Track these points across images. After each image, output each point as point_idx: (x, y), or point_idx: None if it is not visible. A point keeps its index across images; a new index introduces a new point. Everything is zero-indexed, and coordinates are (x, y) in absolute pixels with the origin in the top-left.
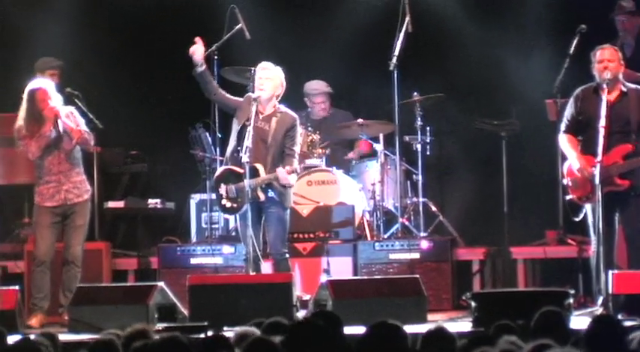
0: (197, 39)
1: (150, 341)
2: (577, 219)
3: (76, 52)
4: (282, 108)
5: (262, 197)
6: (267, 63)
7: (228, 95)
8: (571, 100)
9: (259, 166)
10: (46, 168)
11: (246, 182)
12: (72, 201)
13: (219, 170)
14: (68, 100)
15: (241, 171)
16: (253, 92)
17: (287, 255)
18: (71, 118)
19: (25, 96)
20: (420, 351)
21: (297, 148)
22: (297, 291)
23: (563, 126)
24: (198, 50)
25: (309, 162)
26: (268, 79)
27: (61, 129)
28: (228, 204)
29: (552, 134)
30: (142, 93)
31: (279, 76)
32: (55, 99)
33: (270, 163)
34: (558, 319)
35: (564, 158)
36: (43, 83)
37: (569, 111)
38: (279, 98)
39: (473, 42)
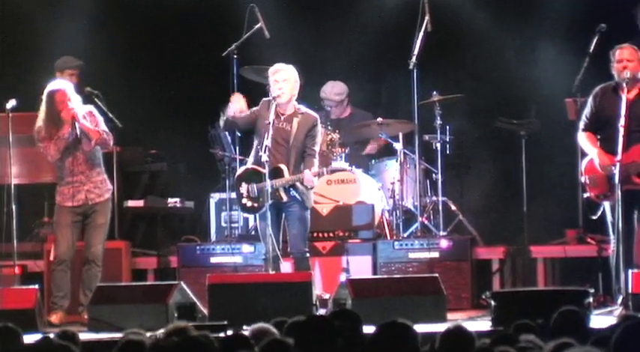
0: (238, 95)
1: (177, 340)
2: (594, 217)
3: (96, 52)
4: (303, 108)
5: (285, 197)
6: (280, 64)
7: (245, 115)
8: (590, 99)
9: (283, 167)
10: (67, 169)
11: (267, 181)
12: (93, 200)
13: (241, 169)
14: (88, 100)
15: (264, 170)
16: (269, 94)
17: (308, 254)
18: (90, 119)
19: (44, 97)
20: (438, 350)
21: (317, 148)
22: (317, 290)
23: (582, 125)
24: (237, 104)
25: (335, 164)
26: (285, 80)
27: (78, 131)
28: (249, 204)
29: (572, 133)
30: (161, 93)
31: (294, 75)
32: (74, 101)
33: (292, 164)
34: (578, 318)
35: (583, 156)
36: (62, 84)
37: (588, 110)
38: (296, 96)
39: (492, 41)
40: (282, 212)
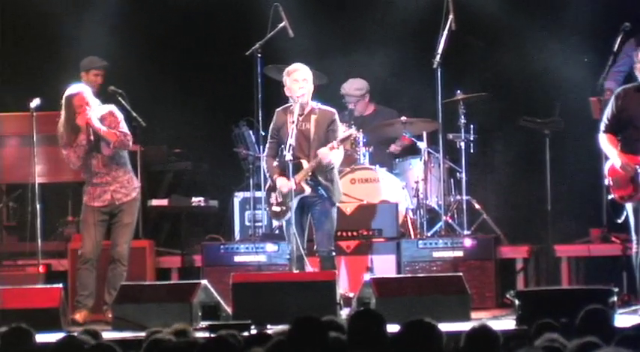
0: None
1: (199, 340)
2: (619, 221)
3: (120, 51)
4: (319, 105)
5: (308, 190)
6: (297, 64)
7: (273, 140)
8: (612, 99)
9: (303, 161)
10: (92, 172)
11: (291, 180)
12: (120, 200)
13: (269, 182)
14: (112, 99)
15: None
16: (289, 94)
17: (334, 253)
18: (109, 119)
19: (62, 102)
20: (463, 349)
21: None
22: (341, 289)
23: (602, 126)
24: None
25: (359, 163)
26: (304, 80)
27: (93, 137)
28: (277, 209)
29: (596, 132)
30: (185, 91)
31: (311, 74)
32: (92, 104)
33: (313, 156)
34: (603, 317)
35: (606, 157)
36: (80, 88)
37: (609, 111)
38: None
39: (516, 39)
40: (307, 210)
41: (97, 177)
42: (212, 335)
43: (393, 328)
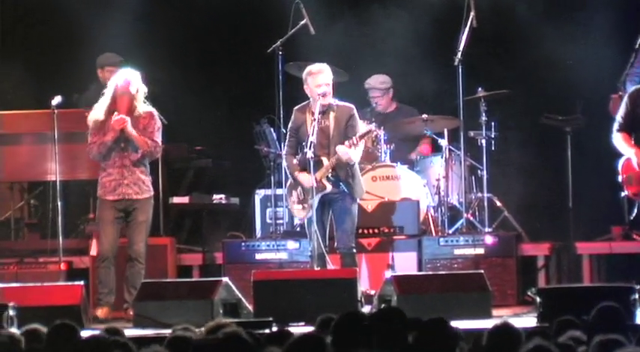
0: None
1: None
2: (631, 217)
3: (141, 48)
4: (336, 101)
5: (329, 187)
6: (319, 66)
7: (292, 139)
8: (625, 99)
9: (323, 158)
10: (111, 160)
11: (311, 176)
12: (131, 196)
13: (290, 180)
14: None
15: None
16: (311, 93)
17: (354, 250)
18: (148, 122)
19: (109, 83)
20: (485, 347)
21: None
22: (362, 286)
23: (616, 126)
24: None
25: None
26: (327, 84)
27: (122, 145)
28: (299, 207)
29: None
30: (207, 89)
31: (331, 75)
32: (139, 96)
33: (333, 153)
34: (617, 315)
35: (622, 155)
36: (129, 77)
37: (623, 110)
38: None
39: (538, 36)
40: (329, 207)
41: (114, 167)
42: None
43: None
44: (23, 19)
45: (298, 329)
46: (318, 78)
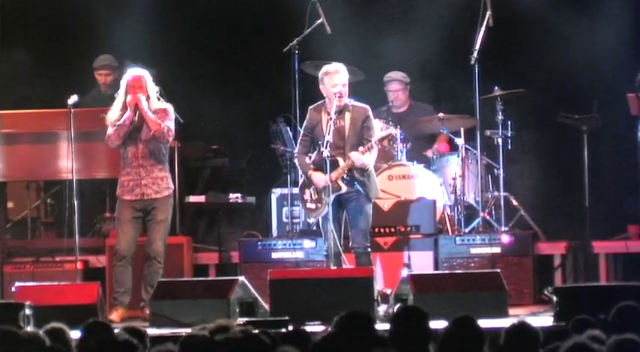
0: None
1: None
2: None
3: (157, 47)
4: (351, 101)
5: (344, 188)
6: (336, 65)
7: (306, 138)
8: None
9: (339, 159)
10: (129, 160)
11: (326, 176)
12: (150, 196)
13: (302, 179)
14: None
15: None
16: (327, 92)
17: (369, 249)
18: (160, 114)
19: (122, 82)
20: (503, 347)
21: (373, 138)
22: (379, 286)
23: None
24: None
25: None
26: (344, 85)
27: (137, 118)
28: (312, 206)
29: (634, 128)
30: (223, 88)
31: (347, 75)
32: (150, 90)
33: (349, 152)
34: (637, 314)
35: None
36: (139, 72)
37: None
38: None
39: (554, 35)
40: (344, 207)
41: (131, 166)
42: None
43: (431, 324)
44: (36, 19)
45: (314, 328)
46: (335, 78)
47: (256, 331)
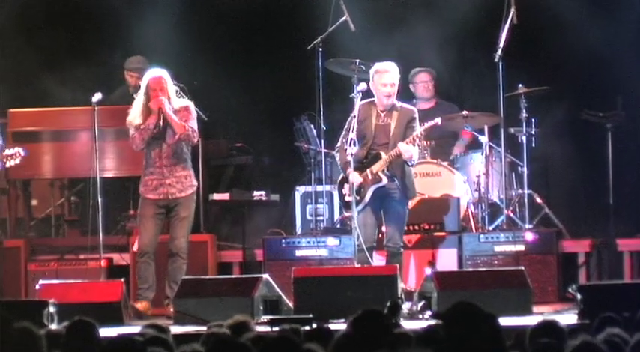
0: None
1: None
2: None
3: (182, 45)
4: (399, 102)
5: (384, 180)
6: (387, 65)
7: (351, 133)
8: None
9: (382, 152)
10: (152, 160)
11: (365, 172)
12: (174, 195)
13: (342, 175)
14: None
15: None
16: (377, 91)
17: (402, 249)
18: (182, 113)
19: (141, 83)
20: (529, 344)
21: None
22: (402, 283)
23: None
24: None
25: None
26: (393, 85)
27: (162, 122)
28: (350, 199)
29: None
30: (247, 86)
31: (398, 75)
32: (169, 91)
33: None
34: None
35: None
36: (159, 72)
37: None
38: None
39: (578, 33)
40: (381, 203)
41: (155, 166)
42: (274, 329)
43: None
44: (61, 17)
45: (338, 325)
46: (384, 77)
47: (285, 327)
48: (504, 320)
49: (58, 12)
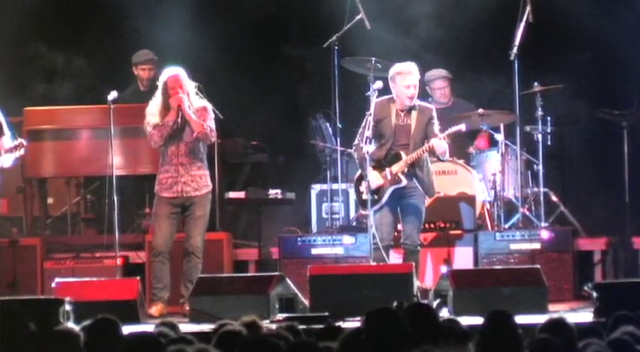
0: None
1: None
2: None
3: (197, 43)
4: (418, 101)
5: (404, 181)
6: (409, 66)
7: (369, 131)
8: None
9: (402, 152)
10: (168, 157)
11: (385, 171)
12: (188, 194)
13: (359, 172)
14: None
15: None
16: (403, 92)
17: (419, 248)
18: (200, 112)
19: (159, 82)
20: (538, 340)
21: (439, 132)
22: (418, 281)
23: None
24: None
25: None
26: (415, 86)
27: (180, 120)
28: (367, 197)
29: None
30: (263, 84)
31: (419, 76)
32: (187, 88)
33: (412, 150)
34: None
35: None
36: (175, 70)
37: None
38: None
39: (594, 31)
40: (399, 202)
41: (170, 164)
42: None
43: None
44: (75, 15)
45: (354, 324)
46: (408, 79)
47: (302, 327)
48: (520, 319)
49: (71, 10)
